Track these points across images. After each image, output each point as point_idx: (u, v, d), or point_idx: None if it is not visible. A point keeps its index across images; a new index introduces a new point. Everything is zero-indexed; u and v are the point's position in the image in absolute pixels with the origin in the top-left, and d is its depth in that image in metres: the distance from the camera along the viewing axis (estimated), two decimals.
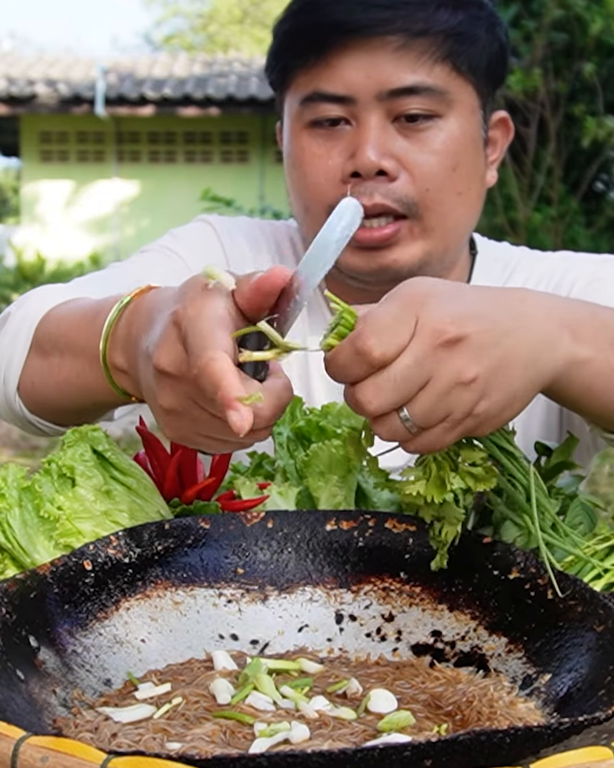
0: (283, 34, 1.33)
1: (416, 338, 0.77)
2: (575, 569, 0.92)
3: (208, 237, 1.46)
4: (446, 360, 0.77)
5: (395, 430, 0.79)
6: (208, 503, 0.98)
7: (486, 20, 1.31)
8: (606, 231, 7.80)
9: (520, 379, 0.82)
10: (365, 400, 0.77)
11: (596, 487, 5.20)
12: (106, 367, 0.96)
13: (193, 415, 0.80)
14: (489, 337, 0.80)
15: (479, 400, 0.79)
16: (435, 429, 0.79)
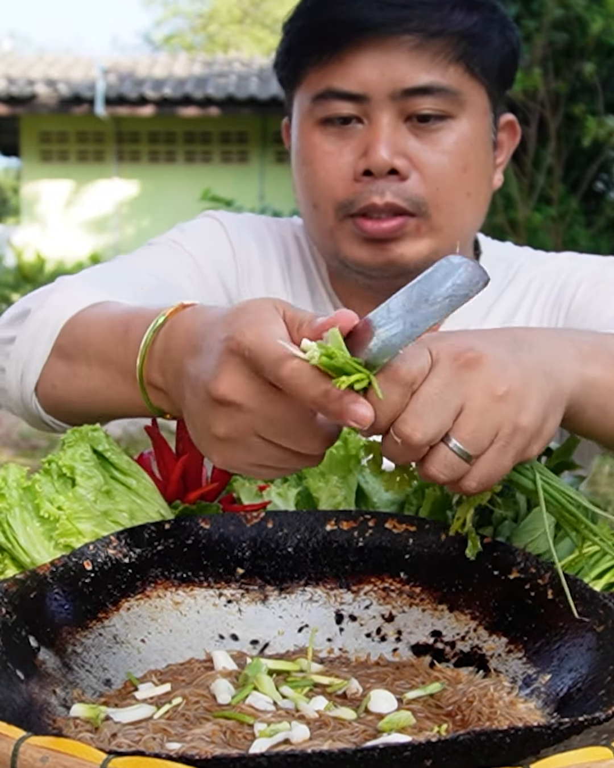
0: (296, 31, 1.33)
1: (436, 364, 0.77)
2: (575, 569, 0.92)
3: (216, 233, 1.46)
4: (473, 380, 0.77)
5: (449, 462, 0.77)
6: (209, 504, 0.98)
7: (499, 23, 1.32)
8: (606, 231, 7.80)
9: (547, 388, 0.82)
10: (409, 429, 0.75)
11: (596, 487, 5.21)
12: (142, 385, 0.95)
13: (249, 444, 0.79)
14: (505, 354, 0.80)
15: (520, 411, 0.79)
16: (490, 452, 0.78)
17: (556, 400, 0.84)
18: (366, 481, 1.07)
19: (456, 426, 0.77)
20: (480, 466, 0.78)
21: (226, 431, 0.80)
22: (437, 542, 0.89)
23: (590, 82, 7.10)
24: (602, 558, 0.93)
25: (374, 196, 1.27)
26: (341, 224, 1.32)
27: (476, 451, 0.77)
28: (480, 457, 0.78)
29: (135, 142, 15.49)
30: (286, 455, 0.80)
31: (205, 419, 0.81)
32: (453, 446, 0.77)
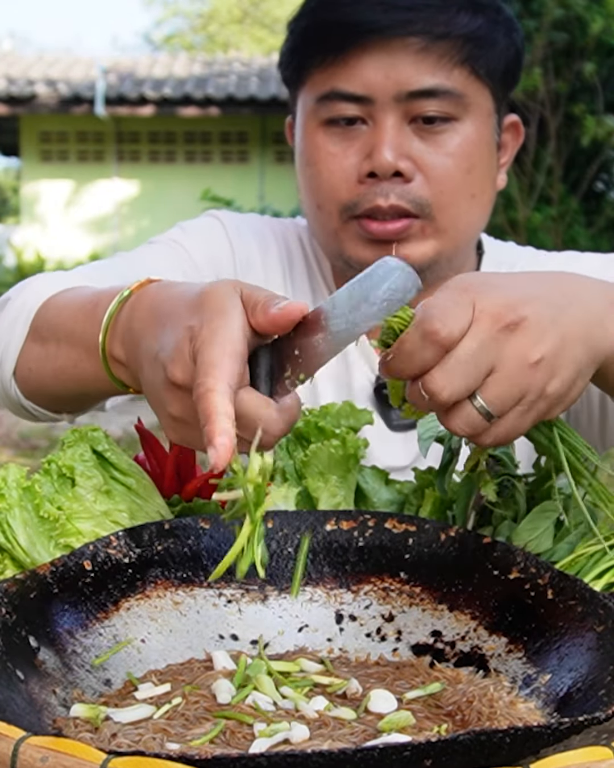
0: (300, 31, 1.33)
1: (476, 324, 0.78)
2: (575, 569, 0.92)
3: (217, 232, 1.46)
4: (509, 344, 0.78)
5: (471, 420, 0.79)
6: (208, 502, 0.98)
7: (504, 24, 1.32)
8: (606, 231, 7.81)
9: (581, 355, 0.83)
10: (437, 388, 0.77)
11: None
12: (105, 358, 0.96)
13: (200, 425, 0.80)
14: (546, 317, 0.81)
15: (549, 379, 0.80)
16: (510, 414, 0.80)
17: (590, 363, 0.85)
18: (366, 481, 1.07)
19: (484, 386, 0.78)
20: (499, 425, 0.80)
21: (180, 412, 0.81)
22: (437, 542, 0.89)
23: (590, 82, 7.10)
24: (602, 558, 0.93)
25: (378, 199, 1.28)
26: (345, 225, 1.32)
27: (499, 413, 0.79)
28: (501, 418, 0.80)
29: (135, 142, 15.49)
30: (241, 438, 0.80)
31: (161, 398, 0.83)
32: (477, 405, 0.79)
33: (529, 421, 0.81)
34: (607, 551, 0.91)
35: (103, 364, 0.97)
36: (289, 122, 1.44)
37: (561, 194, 7.40)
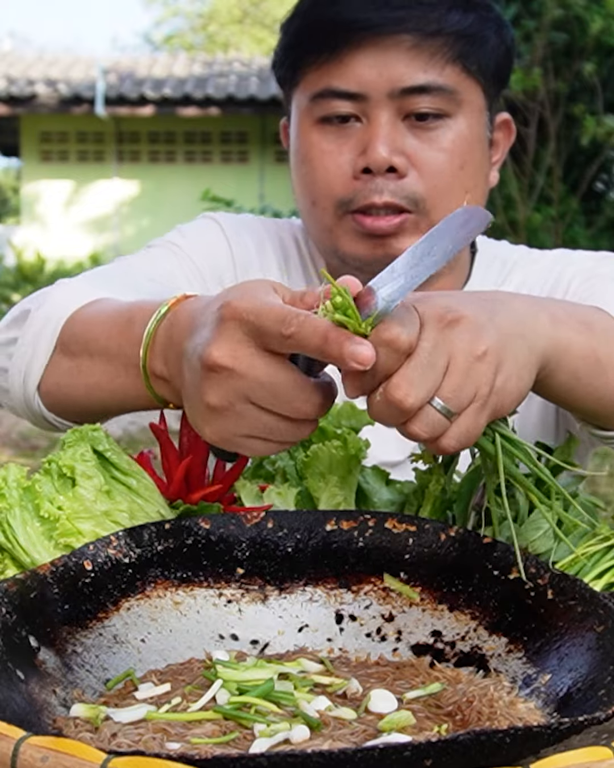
0: (293, 30, 1.34)
1: (425, 326, 0.79)
2: (575, 569, 0.92)
3: (215, 234, 1.46)
4: (456, 337, 0.80)
5: (433, 422, 0.79)
6: (210, 504, 0.98)
7: (495, 22, 1.33)
8: (606, 231, 7.80)
9: (520, 350, 0.85)
10: (403, 395, 0.77)
11: (596, 487, 5.20)
12: (146, 376, 0.96)
13: (240, 412, 0.81)
14: (483, 314, 0.83)
15: (496, 372, 0.81)
16: (469, 411, 0.80)
17: (529, 361, 0.87)
18: (367, 482, 1.07)
19: (441, 385, 0.79)
20: (459, 424, 0.81)
21: (218, 399, 0.81)
22: (437, 542, 0.89)
23: (590, 82, 7.10)
24: (602, 558, 0.93)
25: (373, 195, 1.29)
26: (340, 221, 1.32)
27: (457, 409, 0.80)
28: (459, 416, 0.80)
29: (135, 142, 15.49)
30: (278, 423, 0.81)
31: (198, 389, 0.82)
32: (436, 404, 0.79)
33: (485, 416, 0.82)
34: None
35: (145, 381, 0.97)
36: (284, 124, 1.44)
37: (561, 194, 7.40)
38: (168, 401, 0.97)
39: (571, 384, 0.95)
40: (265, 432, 0.82)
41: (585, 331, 0.95)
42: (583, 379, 0.96)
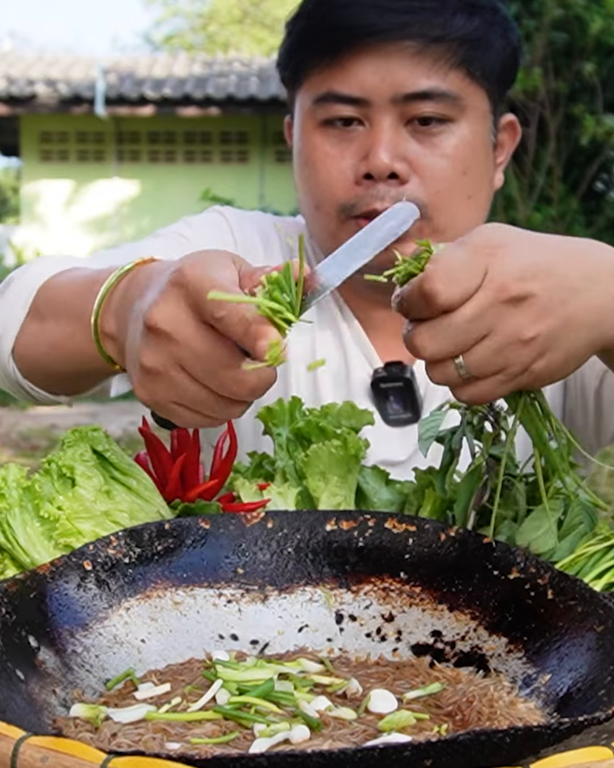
0: (297, 32, 1.34)
1: (482, 291, 0.77)
2: (575, 569, 0.92)
3: (221, 227, 1.47)
4: (508, 316, 0.78)
5: (448, 375, 0.79)
6: (209, 503, 0.98)
7: (500, 25, 1.32)
8: (606, 231, 7.81)
9: (582, 340, 0.82)
10: (420, 345, 0.78)
11: (596, 487, 5.20)
12: (96, 331, 0.96)
13: (172, 378, 0.80)
14: (557, 296, 0.80)
15: (537, 358, 0.80)
16: (489, 380, 0.80)
17: (589, 348, 0.83)
18: (367, 482, 1.07)
19: (471, 350, 0.78)
20: (476, 386, 0.80)
21: (153, 362, 0.80)
22: (437, 542, 0.89)
23: (590, 82, 7.10)
24: (602, 558, 0.93)
25: (375, 202, 1.28)
26: (343, 225, 1.32)
27: (476, 375, 0.79)
28: (479, 380, 0.80)
29: (135, 142, 15.48)
30: (208, 396, 0.80)
31: (136, 349, 0.82)
32: (458, 363, 0.78)
33: (505, 390, 0.81)
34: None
35: (94, 337, 0.96)
36: (288, 122, 1.45)
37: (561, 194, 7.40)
38: (115, 362, 0.97)
39: None
40: (193, 403, 0.81)
41: None
42: None
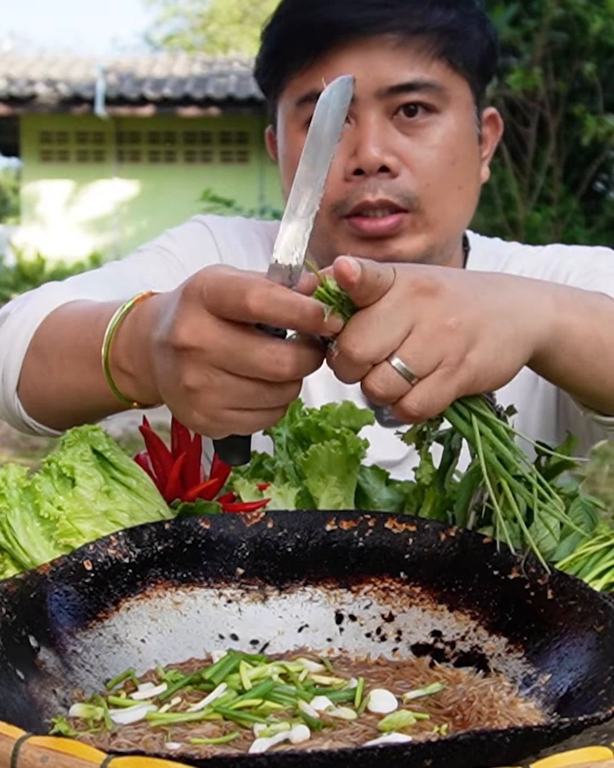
0: (275, 36, 1.33)
1: (394, 287, 0.78)
2: (575, 569, 0.92)
3: (203, 237, 1.47)
4: (426, 305, 0.79)
5: (389, 380, 0.78)
6: (209, 503, 0.98)
7: (477, 17, 1.34)
8: (606, 231, 7.81)
9: (506, 329, 0.83)
10: (349, 345, 0.77)
11: (596, 487, 5.20)
12: (108, 371, 0.96)
13: (218, 385, 0.79)
14: (465, 290, 0.82)
15: (469, 345, 0.80)
16: (432, 377, 0.79)
17: (516, 342, 0.85)
18: (367, 481, 1.07)
19: (401, 346, 0.78)
20: (421, 388, 0.79)
21: (196, 377, 0.80)
22: (437, 542, 0.89)
23: (590, 82, 7.10)
24: (602, 558, 0.93)
25: (367, 194, 1.28)
26: (336, 226, 1.32)
27: (417, 372, 0.78)
28: (422, 380, 0.79)
29: (135, 142, 15.49)
30: (260, 388, 0.80)
31: (174, 375, 0.81)
32: (395, 363, 0.78)
33: (453, 386, 0.80)
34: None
35: (106, 377, 0.96)
36: (269, 133, 1.43)
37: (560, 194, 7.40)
38: (132, 399, 0.97)
39: (574, 366, 0.94)
40: (249, 401, 0.81)
41: (589, 314, 0.94)
42: (586, 360, 0.94)
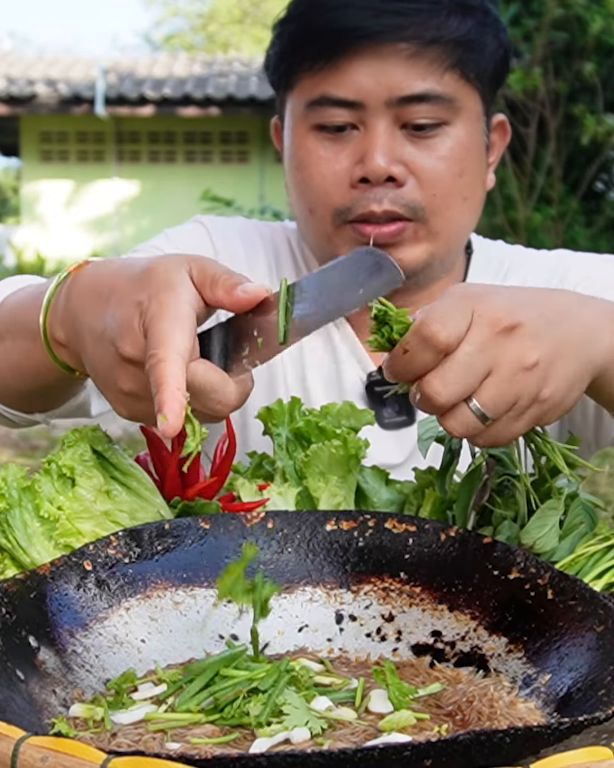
0: (288, 35, 1.32)
1: (474, 327, 0.79)
2: (575, 569, 0.92)
3: (201, 238, 1.46)
4: (506, 345, 0.80)
5: (467, 423, 0.80)
6: (209, 502, 0.98)
7: (492, 26, 1.32)
8: (606, 231, 7.81)
9: (576, 363, 0.85)
10: (434, 391, 0.79)
11: (596, 487, 5.21)
12: (47, 342, 0.97)
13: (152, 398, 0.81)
14: (543, 324, 0.83)
15: (543, 385, 0.81)
16: (504, 418, 0.81)
17: (585, 373, 0.86)
18: (367, 481, 1.07)
19: (480, 389, 0.79)
20: (492, 427, 0.81)
21: (131, 386, 0.83)
22: (437, 542, 0.89)
23: (590, 81, 7.10)
24: (602, 558, 0.93)
25: (372, 204, 1.28)
26: (339, 230, 1.31)
27: (494, 415, 0.80)
28: (495, 421, 0.81)
29: (135, 142, 15.49)
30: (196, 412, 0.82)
31: (111, 374, 0.84)
32: (473, 407, 0.80)
33: (523, 425, 0.82)
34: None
35: (46, 347, 0.97)
36: (275, 123, 1.43)
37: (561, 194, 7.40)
38: (72, 368, 0.98)
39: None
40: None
41: None
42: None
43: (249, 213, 7.93)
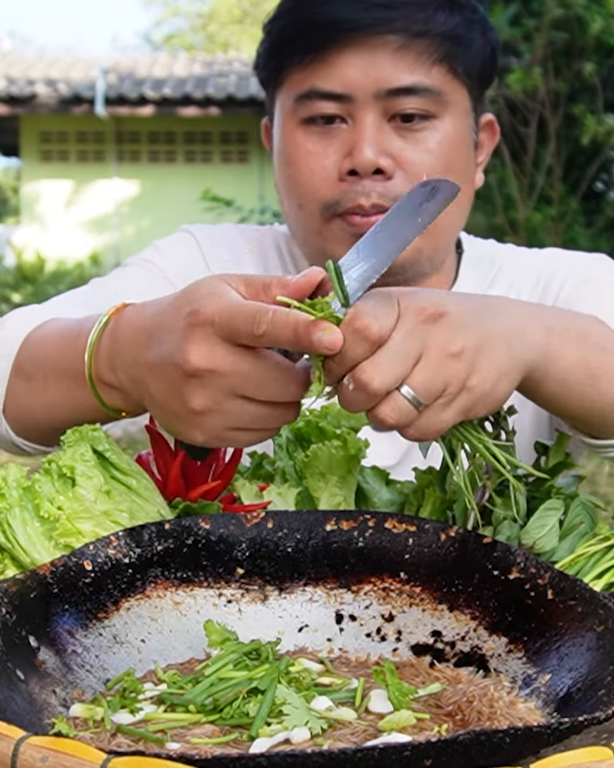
0: (277, 31, 1.33)
1: (402, 317, 0.81)
2: (575, 569, 0.92)
3: (190, 248, 1.46)
4: (433, 332, 0.81)
5: (400, 408, 0.81)
6: (210, 503, 0.98)
7: (480, 24, 1.33)
8: (606, 231, 7.81)
9: (504, 356, 0.86)
10: (368, 377, 0.79)
11: (596, 487, 5.20)
12: (93, 387, 0.97)
13: (228, 408, 0.84)
14: (470, 315, 0.85)
15: (470, 372, 0.83)
16: (433, 406, 0.82)
17: (513, 367, 0.87)
18: (367, 481, 1.07)
19: (411, 374, 0.81)
20: (423, 416, 0.82)
21: (203, 401, 0.84)
22: (437, 542, 0.89)
23: (590, 81, 7.10)
24: (602, 558, 0.93)
25: (360, 198, 1.28)
26: (328, 224, 1.32)
27: (426, 400, 0.81)
28: (426, 408, 0.82)
29: (135, 142, 15.49)
30: (264, 411, 0.84)
31: (179, 396, 0.85)
32: (405, 392, 0.81)
33: (452, 413, 0.83)
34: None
35: (92, 391, 0.98)
36: (265, 124, 1.44)
37: (561, 194, 7.40)
38: (120, 410, 0.99)
39: (560, 392, 0.96)
40: (251, 422, 0.86)
41: (578, 341, 0.96)
42: (573, 388, 0.96)
43: (249, 213, 7.92)
